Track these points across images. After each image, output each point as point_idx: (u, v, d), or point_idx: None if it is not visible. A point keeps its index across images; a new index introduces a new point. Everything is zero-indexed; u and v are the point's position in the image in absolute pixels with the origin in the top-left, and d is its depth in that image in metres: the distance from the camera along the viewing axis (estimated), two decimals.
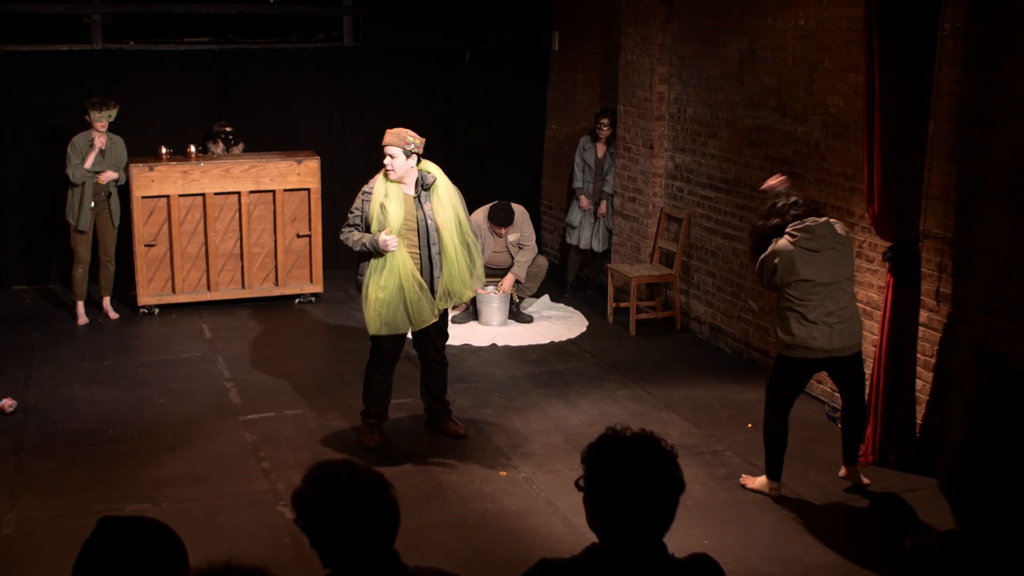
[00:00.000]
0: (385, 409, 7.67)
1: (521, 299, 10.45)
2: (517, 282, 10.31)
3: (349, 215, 7.39)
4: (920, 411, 7.40)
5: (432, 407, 7.82)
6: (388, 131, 7.29)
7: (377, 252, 7.17)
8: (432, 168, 7.37)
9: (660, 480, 2.86)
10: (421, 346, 7.63)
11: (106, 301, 10.56)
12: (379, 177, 7.30)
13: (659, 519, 2.88)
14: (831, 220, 6.57)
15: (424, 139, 7.34)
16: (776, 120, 8.78)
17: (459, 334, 9.89)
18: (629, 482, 2.83)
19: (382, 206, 7.22)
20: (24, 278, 11.67)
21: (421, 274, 7.28)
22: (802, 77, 8.45)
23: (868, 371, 7.69)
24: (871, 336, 7.74)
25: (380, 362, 7.54)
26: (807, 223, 6.46)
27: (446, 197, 7.34)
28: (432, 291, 7.33)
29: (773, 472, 6.82)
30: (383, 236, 7.11)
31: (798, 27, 8.46)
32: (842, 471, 7.02)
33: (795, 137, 8.57)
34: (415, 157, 7.24)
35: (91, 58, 11.44)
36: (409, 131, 7.26)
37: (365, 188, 7.35)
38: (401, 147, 7.17)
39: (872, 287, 7.82)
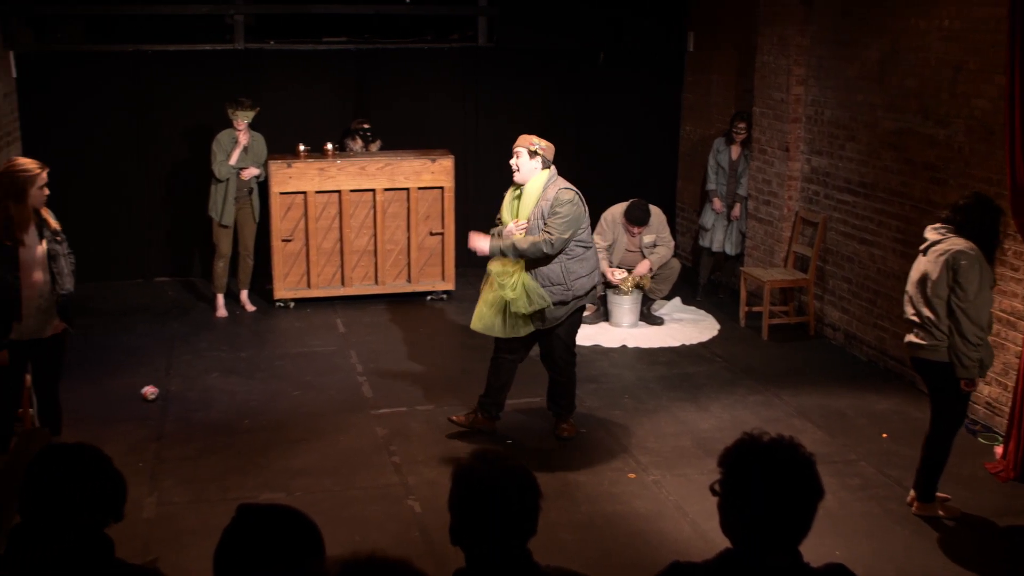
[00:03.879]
0: (494, 403, 7.71)
1: (652, 299, 10.38)
2: (649, 280, 10.21)
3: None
4: None
5: (551, 408, 7.86)
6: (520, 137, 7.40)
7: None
8: (553, 179, 7.31)
9: (798, 486, 2.83)
10: (542, 351, 7.67)
11: (244, 294, 10.81)
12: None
13: (796, 526, 2.84)
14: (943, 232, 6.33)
15: (551, 145, 7.36)
16: (918, 123, 8.58)
17: (589, 334, 9.89)
18: (767, 487, 2.80)
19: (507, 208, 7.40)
20: (167, 270, 12.03)
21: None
22: (945, 79, 8.23)
23: (1011, 382, 7.47)
24: (1013, 347, 7.52)
25: (496, 356, 7.63)
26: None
27: (530, 200, 7.32)
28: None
29: None
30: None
31: (942, 28, 8.25)
32: (909, 496, 6.75)
33: (937, 141, 8.35)
34: (539, 158, 7.25)
35: (233, 57, 11.72)
36: (535, 136, 7.33)
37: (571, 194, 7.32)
38: (525, 147, 7.24)
39: (1016, 296, 7.58)
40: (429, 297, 11.18)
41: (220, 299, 10.65)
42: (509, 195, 7.50)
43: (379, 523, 6.48)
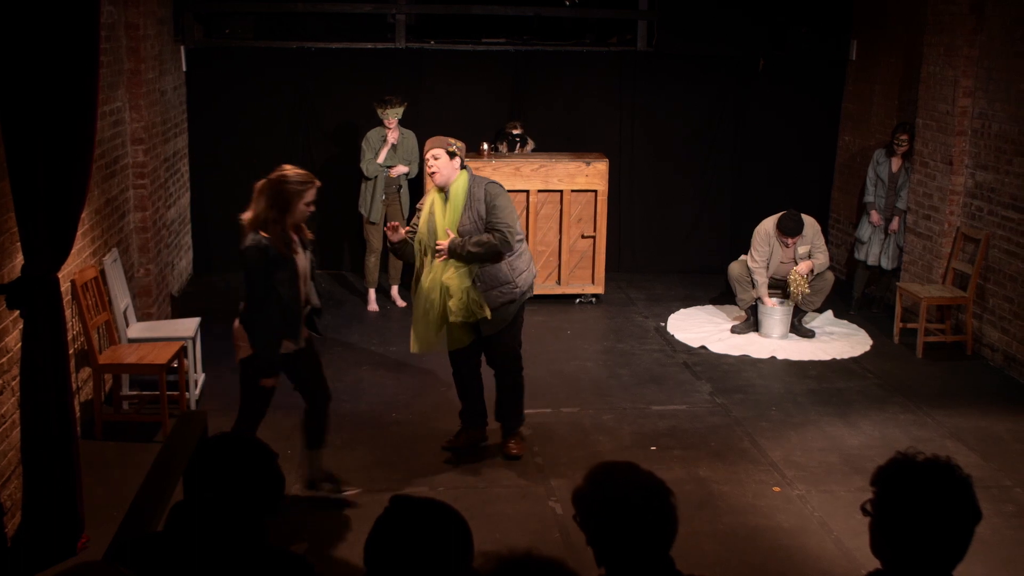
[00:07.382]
0: (473, 414, 7.54)
1: (804, 311, 10.18)
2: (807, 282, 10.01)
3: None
4: None
5: (499, 421, 7.56)
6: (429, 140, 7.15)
7: None
8: (472, 177, 7.13)
9: (955, 507, 2.76)
10: (488, 355, 7.44)
11: (395, 290, 10.99)
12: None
13: (951, 550, 2.77)
14: None
15: (464, 144, 7.13)
16: None
17: (738, 344, 9.81)
18: (922, 508, 2.73)
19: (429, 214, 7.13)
20: (319, 263, 12.25)
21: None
22: None
23: None
24: None
25: (454, 371, 7.50)
26: None
27: (459, 203, 7.07)
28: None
29: None
30: None
31: None
32: None
33: None
34: (458, 159, 7.04)
35: (393, 56, 11.91)
36: (449, 137, 7.09)
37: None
38: (444, 147, 6.99)
39: None
40: (578, 300, 11.18)
41: (372, 293, 10.85)
42: (427, 204, 7.17)
43: (520, 522, 6.51)
